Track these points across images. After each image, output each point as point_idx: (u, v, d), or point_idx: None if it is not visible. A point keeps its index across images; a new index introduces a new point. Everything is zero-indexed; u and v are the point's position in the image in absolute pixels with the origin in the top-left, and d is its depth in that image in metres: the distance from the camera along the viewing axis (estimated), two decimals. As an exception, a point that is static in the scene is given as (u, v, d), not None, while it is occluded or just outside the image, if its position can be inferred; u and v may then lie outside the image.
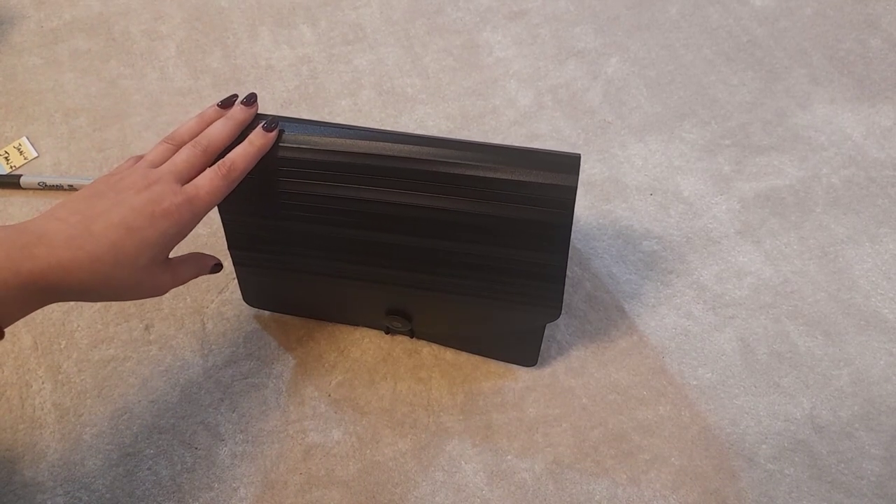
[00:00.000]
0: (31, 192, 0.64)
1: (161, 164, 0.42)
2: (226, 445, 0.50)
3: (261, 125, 0.44)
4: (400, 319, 0.51)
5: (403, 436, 0.51)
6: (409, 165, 0.43)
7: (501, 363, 0.53)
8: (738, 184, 0.63)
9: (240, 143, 0.43)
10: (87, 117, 0.69)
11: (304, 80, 0.71)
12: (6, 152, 0.66)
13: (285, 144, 0.44)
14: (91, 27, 0.76)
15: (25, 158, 0.66)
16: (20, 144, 0.67)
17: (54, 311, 0.57)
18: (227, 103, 0.45)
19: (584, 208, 0.61)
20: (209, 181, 0.41)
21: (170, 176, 0.41)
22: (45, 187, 0.63)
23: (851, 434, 0.50)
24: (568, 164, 0.42)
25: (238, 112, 0.44)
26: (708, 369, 0.53)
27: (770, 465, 0.49)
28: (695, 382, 0.52)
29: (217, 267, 0.47)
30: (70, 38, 0.75)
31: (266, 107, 0.69)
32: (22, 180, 0.63)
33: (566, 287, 0.56)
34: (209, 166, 0.42)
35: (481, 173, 0.42)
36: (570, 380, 0.53)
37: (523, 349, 0.52)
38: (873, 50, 0.71)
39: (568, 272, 0.49)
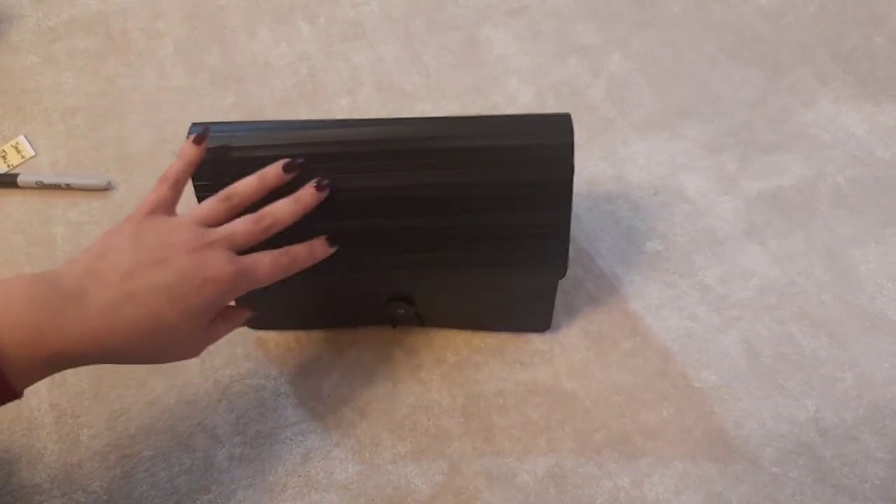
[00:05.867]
0: (28, 190, 0.63)
1: (211, 222, 0.40)
2: (224, 447, 0.50)
3: (313, 184, 0.42)
4: (404, 305, 0.50)
5: (403, 438, 0.50)
6: (400, 146, 0.43)
7: (504, 364, 0.53)
8: (743, 183, 0.62)
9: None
10: (85, 116, 0.68)
11: (302, 77, 0.71)
12: (4, 151, 0.66)
13: (267, 144, 0.43)
14: (89, 26, 0.75)
15: (23, 157, 0.66)
16: (18, 143, 0.66)
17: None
18: (290, 168, 0.42)
19: (587, 208, 0.61)
20: (269, 264, 0.39)
21: (226, 243, 0.39)
22: (42, 186, 0.63)
23: (856, 437, 0.49)
24: (560, 124, 0.43)
25: (308, 197, 0.42)
26: (712, 371, 0.52)
27: (774, 468, 0.48)
28: (698, 385, 0.52)
29: (250, 319, 0.44)
30: (68, 37, 0.74)
31: (265, 105, 0.69)
32: (19, 179, 0.63)
33: (569, 289, 0.56)
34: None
35: (479, 143, 0.43)
36: (572, 382, 0.52)
37: (536, 314, 0.52)
38: (878, 47, 0.70)
39: (570, 273, 0.49)
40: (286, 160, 0.42)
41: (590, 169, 0.63)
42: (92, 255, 0.37)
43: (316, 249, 0.43)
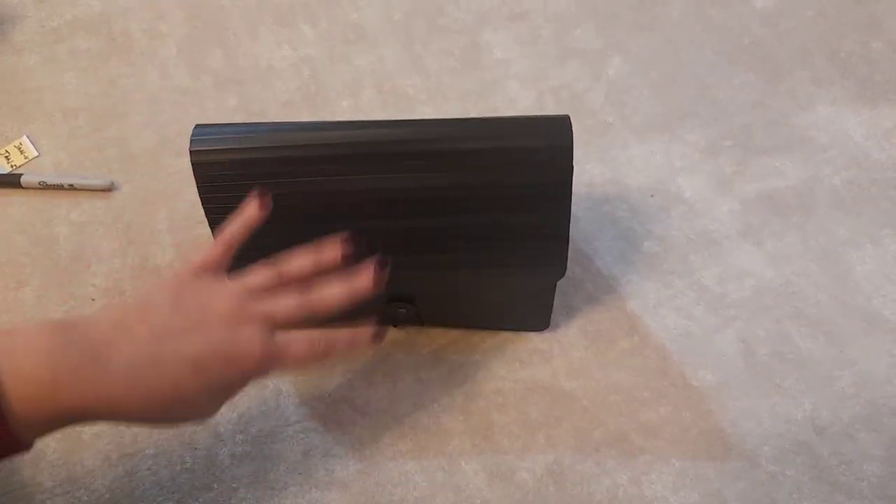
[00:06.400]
0: (31, 191, 0.64)
1: (257, 293, 0.38)
2: (225, 446, 0.50)
3: (371, 269, 0.39)
4: (405, 305, 0.50)
5: (403, 436, 0.51)
6: (400, 148, 0.43)
7: (503, 363, 0.53)
8: (740, 185, 0.62)
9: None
10: (88, 116, 0.69)
11: (304, 80, 0.71)
12: (7, 151, 0.66)
13: (269, 145, 0.43)
14: (91, 26, 0.76)
15: (26, 157, 0.66)
16: (21, 144, 0.67)
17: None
18: (347, 254, 0.40)
19: (586, 209, 0.61)
20: (302, 349, 0.37)
21: (264, 320, 0.37)
22: (45, 186, 0.63)
23: (853, 436, 0.50)
24: (559, 126, 0.43)
25: (363, 286, 0.39)
26: (709, 371, 0.53)
27: (771, 467, 0.49)
28: (696, 384, 0.52)
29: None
30: (70, 38, 0.75)
31: (267, 107, 0.69)
32: (22, 179, 0.63)
33: (567, 289, 0.56)
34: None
35: (478, 145, 0.43)
36: (571, 381, 0.53)
37: (535, 314, 0.52)
38: (875, 51, 0.71)
39: (569, 273, 0.49)
40: (345, 245, 0.40)
41: (589, 171, 0.64)
42: (128, 306, 0.36)
43: (360, 338, 0.40)
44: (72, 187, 0.63)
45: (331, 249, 0.40)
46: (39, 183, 0.63)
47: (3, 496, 0.48)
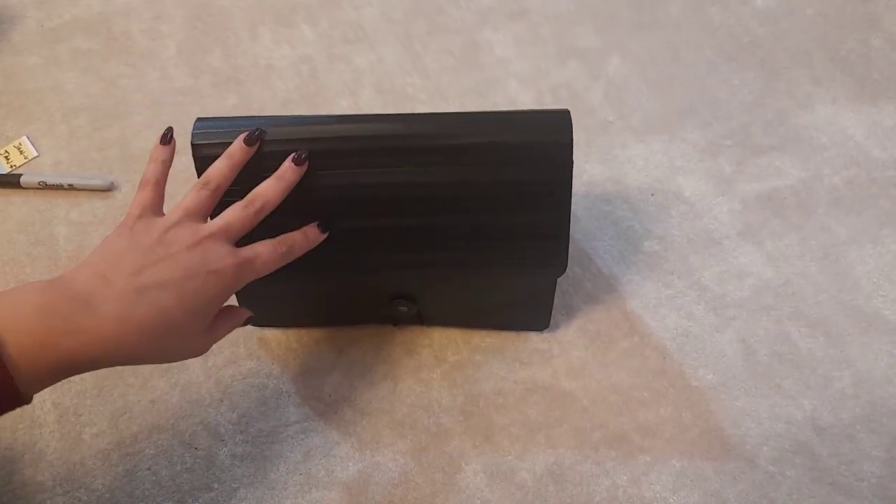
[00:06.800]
0: (31, 191, 0.64)
1: (200, 212, 0.40)
2: (225, 446, 0.50)
3: (291, 159, 0.42)
4: (406, 303, 0.50)
5: (403, 437, 0.51)
6: (399, 143, 0.43)
7: (503, 363, 0.53)
8: (740, 184, 0.62)
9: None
10: (88, 117, 0.69)
11: (304, 79, 0.71)
12: (6, 151, 0.66)
13: (267, 139, 0.43)
14: (91, 26, 0.76)
15: (26, 158, 0.66)
16: (20, 144, 0.67)
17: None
18: (251, 140, 0.43)
19: (585, 208, 0.61)
20: (268, 253, 0.40)
21: (221, 234, 0.39)
22: (45, 187, 0.63)
23: (853, 436, 0.50)
24: (559, 121, 0.42)
25: (289, 173, 0.42)
26: (709, 370, 0.53)
27: (771, 467, 0.49)
28: (696, 384, 0.52)
29: (249, 319, 0.45)
30: (70, 38, 0.75)
31: (267, 106, 0.69)
32: (22, 180, 0.63)
33: (567, 288, 0.56)
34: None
35: (477, 140, 0.43)
36: (570, 381, 0.53)
37: (535, 313, 0.52)
38: (875, 50, 0.71)
39: (568, 273, 0.49)
40: (244, 134, 0.43)
41: (588, 171, 0.63)
42: (95, 260, 0.37)
43: (310, 235, 0.43)
44: (71, 187, 0.63)
45: (236, 147, 0.42)
46: (39, 183, 0.63)
47: (3, 496, 0.48)
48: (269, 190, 0.42)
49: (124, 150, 0.66)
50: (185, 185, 0.62)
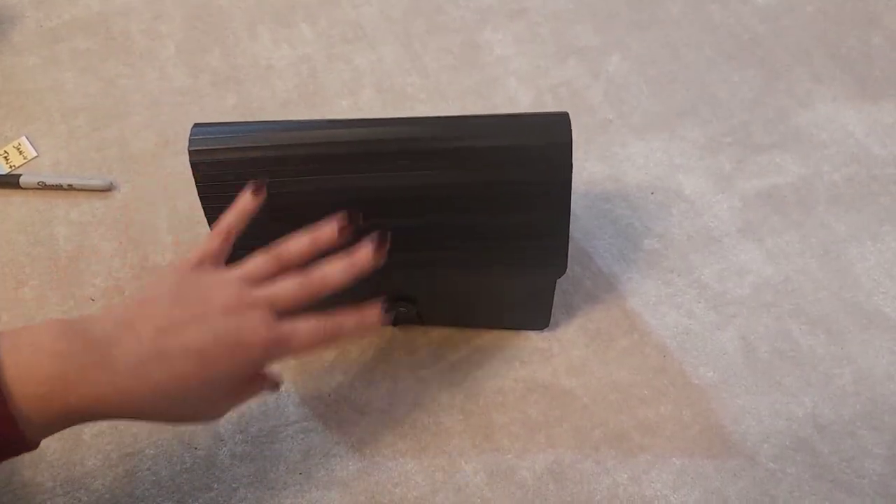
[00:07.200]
0: (30, 191, 0.64)
1: (258, 280, 0.38)
2: (225, 446, 0.50)
3: (371, 244, 0.39)
4: (405, 304, 0.50)
5: (403, 436, 0.50)
6: (399, 147, 0.43)
7: (503, 362, 0.53)
8: (740, 182, 0.62)
9: None
10: (87, 117, 0.69)
11: (303, 79, 0.71)
12: (6, 152, 0.66)
13: (267, 144, 0.43)
14: (90, 26, 0.76)
15: (25, 158, 0.66)
16: (20, 144, 0.67)
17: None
18: (345, 232, 0.39)
19: (585, 207, 0.61)
20: (309, 333, 0.37)
21: (267, 305, 0.36)
22: (44, 187, 0.63)
23: (854, 433, 0.50)
24: (558, 123, 0.43)
25: (364, 261, 0.39)
26: (709, 368, 0.53)
27: (771, 465, 0.49)
28: (696, 381, 0.52)
29: (276, 387, 0.42)
30: (69, 38, 0.75)
31: (266, 106, 0.69)
32: (21, 180, 0.63)
33: (567, 287, 0.56)
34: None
35: (477, 143, 0.43)
36: (570, 379, 0.53)
37: (535, 312, 0.52)
38: (875, 47, 0.71)
39: (568, 271, 0.49)
40: (342, 220, 0.40)
41: (588, 169, 0.63)
42: (130, 304, 0.36)
43: (368, 318, 0.39)
44: (71, 187, 0.63)
45: (327, 228, 0.40)
46: (38, 183, 0.63)
47: (3, 496, 0.48)
48: (335, 274, 0.38)
49: (123, 150, 0.66)
50: (183, 188, 0.62)
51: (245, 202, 0.41)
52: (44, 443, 0.50)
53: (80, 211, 0.62)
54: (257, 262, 0.39)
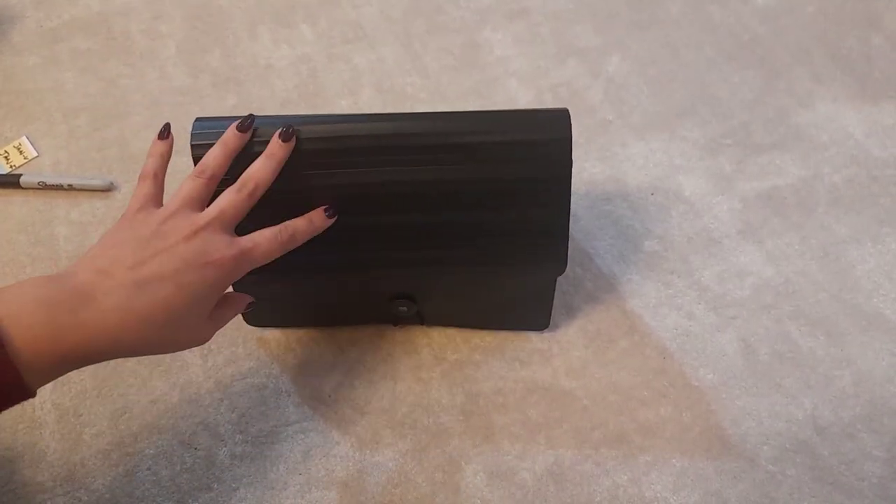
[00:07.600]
0: (30, 191, 0.64)
1: (196, 201, 0.40)
2: (225, 446, 0.50)
3: (278, 135, 0.42)
4: (406, 303, 0.50)
5: (403, 436, 0.51)
6: (398, 142, 0.43)
7: (503, 362, 0.53)
8: (740, 183, 0.62)
9: None
10: (87, 117, 0.69)
11: (303, 79, 0.71)
12: (6, 152, 0.66)
13: (268, 139, 0.43)
14: (90, 27, 0.76)
15: (25, 158, 0.66)
16: (20, 144, 0.67)
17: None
18: (245, 127, 0.43)
19: (585, 208, 0.61)
20: (268, 241, 0.40)
21: (217, 222, 0.39)
22: (44, 187, 0.63)
23: (853, 435, 0.50)
24: (558, 119, 0.43)
25: (278, 150, 0.42)
26: (709, 370, 0.53)
27: (771, 467, 0.49)
28: (696, 383, 0.52)
29: (252, 305, 0.45)
30: (69, 38, 0.75)
31: (266, 106, 0.69)
32: (22, 180, 0.63)
33: (567, 288, 0.56)
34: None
35: (476, 139, 0.43)
36: (570, 381, 0.53)
37: (535, 313, 0.52)
38: (875, 48, 0.71)
39: (568, 272, 0.49)
40: (237, 121, 0.43)
41: (588, 170, 0.63)
42: (94, 254, 0.38)
43: (315, 221, 0.43)
44: (71, 187, 0.63)
45: (229, 134, 0.42)
46: (39, 183, 0.63)
47: (3, 496, 0.48)
48: (260, 170, 0.41)
49: (124, 149, 0.66)
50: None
51: (156, 146, 0.44)
52: (44, 443, 0.50)
53: (81, 211, 0.62)
54: (188, 185, 0.41)
